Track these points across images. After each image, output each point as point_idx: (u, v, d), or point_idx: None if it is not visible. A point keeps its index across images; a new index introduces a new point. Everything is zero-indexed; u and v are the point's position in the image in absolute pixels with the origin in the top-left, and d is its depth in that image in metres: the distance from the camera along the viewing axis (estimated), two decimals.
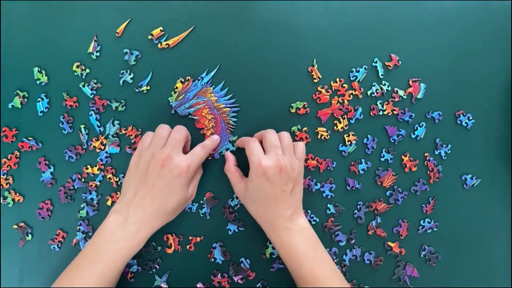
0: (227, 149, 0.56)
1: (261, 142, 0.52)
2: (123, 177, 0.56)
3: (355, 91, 0.57)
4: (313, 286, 0.48)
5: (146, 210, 0.48)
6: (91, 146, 0.56)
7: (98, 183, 0.56)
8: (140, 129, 0.56)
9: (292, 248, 0.49)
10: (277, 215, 0.49)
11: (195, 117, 0.56)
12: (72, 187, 0.56)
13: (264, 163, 0.48)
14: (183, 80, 0.56)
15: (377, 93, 0.57)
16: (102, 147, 0.56)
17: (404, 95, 0.58)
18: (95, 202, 0.56)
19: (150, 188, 0.47)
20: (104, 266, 0.47)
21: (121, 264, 0.48)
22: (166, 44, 0.57)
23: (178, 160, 0.48)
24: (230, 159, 0.54)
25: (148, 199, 0.48)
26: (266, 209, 0.50)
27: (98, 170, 0.56)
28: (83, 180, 0.56)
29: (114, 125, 0.56)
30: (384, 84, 0.57)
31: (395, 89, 0.58)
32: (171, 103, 0.56)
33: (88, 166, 0.56)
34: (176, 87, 0.56)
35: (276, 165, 0.48)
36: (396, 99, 0.57)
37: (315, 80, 0.57)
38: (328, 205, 0.57)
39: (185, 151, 0.51)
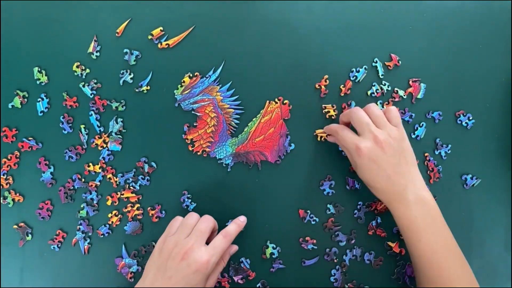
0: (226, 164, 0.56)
1: (348, 125, 0.52)
2: (122, 176, 0.56)
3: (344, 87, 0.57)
4: (430, 262, 0.47)
5: None
6: (93, 144, 0.56)
7: (98, 183, 0.56)
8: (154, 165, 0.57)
9: (411, 221, 0.48)
10: (393, 189, 0.49)
11: (198, 114, 0.56)
12: (72, 187, 0.56)
13: (362, 146, 0.48)
14: (191, 75, 0.56)
15: (377, 93, 0.57)
16: (104, 145, 0.56)
17: (404, 95, 0.58)
18: (95, 202, 0.56)
19: (168, 280, 0.46)
20: None
21: None
22: (166, 44, 0.57)
23: (198, 255, 0.46)
24: (335, 135, 0.53)
25: None
26: (382, 185, 0.49)
27: (99, 168, 0.56)
28: (83, 180, 0.56)
29: (117, 123, 0.56)
30: (384, 84, 0.57)
31: (395, 89, 0.58)
32: (176, 96, 0.56)
33: (90, 164, 0.56)
34: (183, 81, 0.56)
35: (375, 143, 0.48)
36: (396, 99, 0.58)
37: (321, 96, 0.57)
38: (328, 205, 0.57)
39: (210, 238, 0.50)
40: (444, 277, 0.47)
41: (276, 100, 0.57)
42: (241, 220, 0.52)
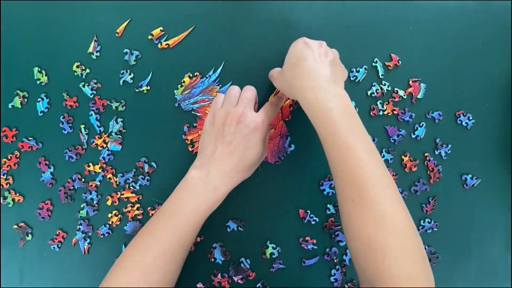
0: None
1: None
2: (122, 176, 0.56)
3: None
4: (344, 155, 0.43)
5: (225, 165, 0.48)
6: (93, 144, 0.56)
7: (98, 183, 0.56)
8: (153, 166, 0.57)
9: (326, 111, 0.45)
10: (313, 75, 0.46)
11: (198, 114, 0.56)
12: (72, 187, 0.56)
13: (305, 39, 0.49)
14: (191, 75, 0.56)
15: (377, 93, 0.57)
16: (104, 145, 0.56)
17: (404, 95, 0.58)
18: (95, 202, 0.56)
19: (228, 144, 0.48)
20: (184, 219, 0.47)
21: (201, 219, 0.48)
22: (166, 44, 0.57)
23: (252, 116, 0.49)
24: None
25: (226, 154, 0.48)
26: (302, 69, 0.47)
27: (99, 168, 0.56)
28: (83, 180, 0.56)
29: (117, 123, 0.56)
30: (384, 84, 0.57)
31: (395, 89, 0.58)
32: (176, 96, 0.56)
33: (90, 164, 0.56)
34: (183, 81, 0.56)
35: (317, 41, 0.49)
36: (396, 99, 0.57)
37: None
38: (328, 205, 0.57)
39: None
40: (359, 176, 0.43)
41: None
42: (279, 95, 0.55)
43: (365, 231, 0.42)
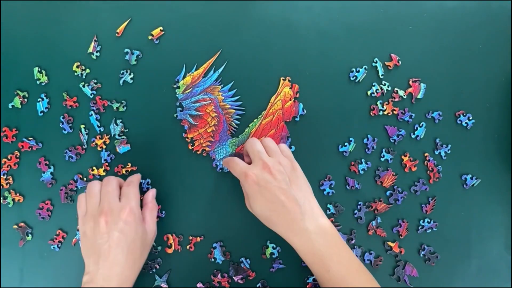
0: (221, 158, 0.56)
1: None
2: (127, 174, 0.56)
3: None
4: (341, 286, 0.46)
5: (116, 271, 0.46)
6: (93, 143, 0.56)
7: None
8: (135, 166, 0.57)
9: (316, 252, 0.47)
10: (291, 219, 0.47)
11: (199, 113, 0.56)
12: (75, 188, 0.56)
13: (250, 172, 0.47)
14: (192, 75, 0.56)
15: (377, 93, 0.57)
16: (104, 147, 0.56)
17: (404, 95, 0.58)
18: None
19: (107, 252, 0.46)
20: None
21: None
22: (184, 83, 0.57)
23: (117, 209, 0.48)
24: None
25: (111, 262, 0.46)
26: (277, 216, 0.48)
27: (104, 171, 0.56)
28: (85, 179, 0.56)
29: (117, 124, 0.56)
30: (384, 84, 0.57)
31: (395, 89, 0.58)
32: (177, 95, 0.56)
33: (94, 168, 0.56)
34: (185, 81, 0.56)
35: (263, 168, 0.47)
36: (396, 99, 0.57)
37: None
38: (328, 205, 0.57)
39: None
40: None
41: (288, 80, 0.57)
42: (135, 176, 0.53)
43: None
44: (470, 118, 0.58)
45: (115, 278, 0.46)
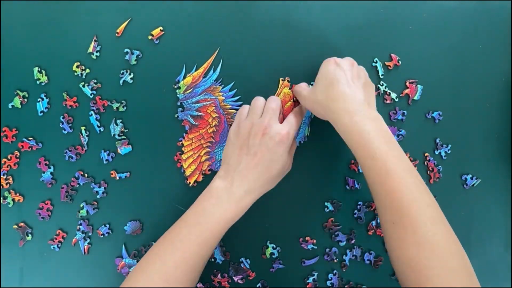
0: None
1: None
2: (126, 177, 0.56)
3: None
4: (384, 178, 0.44)
5: (250, 176, 0.48)
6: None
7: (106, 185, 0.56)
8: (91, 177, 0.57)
9: (364, 135, 0.45)
10: (347, 99, 0.47)
11: (200, 113, 0.56)
12: (77, 185, 0.56)
13: (336, 59, 0.50)
14: (192, 75, 0.56)
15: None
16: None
17: (396, 98, 0.57)
18: (99, 196, 0.56)
19: (253, 156, 0.48)
20: (207, 228, 0.47)
21: (223, 229, 0.48)
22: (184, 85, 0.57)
23: (277, 128, 0.49)
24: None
25: (251, 166, 0.48)
26: (336, 92, 0.48)
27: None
28: (86, 175, 0.56)
29: (117, 124, 0.56)
30: (382, 85, 0.57)
31: (388, 91, 0.57)
32: (178, 95, 0.56)
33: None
34: (185, 81, 0.56)
35: (348, 60, 0.51)
36: (388, 101, 0.57)
37: None
38: (326, 203, 0.57)
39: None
40: (399, 199, 0.43)
41: (287, 80, 0.57)
42: (299, 105, 0.55)
43: (407, 253, 0.42)
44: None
45: (245, 187, 0.48)
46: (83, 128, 0.56)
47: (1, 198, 0.56)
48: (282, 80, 0.57)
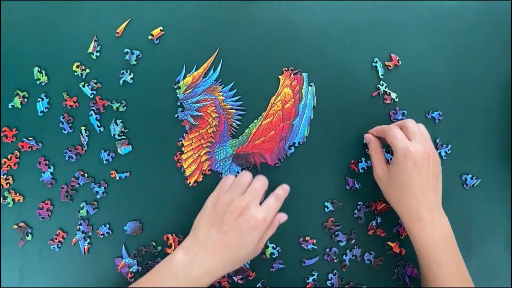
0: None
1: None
2: (123, 177, 0.56)
3: None
4: (449, 285, 0.47)
5: (215, 256, 0.46)
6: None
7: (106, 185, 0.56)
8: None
9: (431, 244, 0.48)
10: (420, 205, 0.48)
11: (200, 113, 0.56)
12: (77, 185, 0.56)
13: (412, 148, 0.47)
14: (192, 74, 0.56)
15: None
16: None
17: (396, 98, 0.57)
18: (99, 196, 0.56)
19: (223, 235, 0.46)
20: None
21: None
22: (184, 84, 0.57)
23: (255, 212, 0.47)
24: (374, 141, 0.54)
25: (219, 245, 0.46)
26: (410, 197, 0.48)
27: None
28: (86, 175, 0.56)
29: (117, 124, 0.56)
30: (382, 85, 0.57)
31: (388, 91, 0.57)
32: (178, 95, 0.56)
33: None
34: (185, 81, 0.56)
35: (425, 152, 0.48)
36: (388, 101, 0.57)
37: None
38: (326, 203, 0.57)
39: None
40: None
41: (290, 69, 0.57)
42: (285, 187, 0.52)
43: None
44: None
45: (207, 267, 0.46)
46: (83, 128, 0.56)
47: (1, 198, 0.56)
48: (285, 70, 0.57)
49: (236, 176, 0.51)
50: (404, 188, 0.49)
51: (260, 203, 0.49)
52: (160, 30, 0.57)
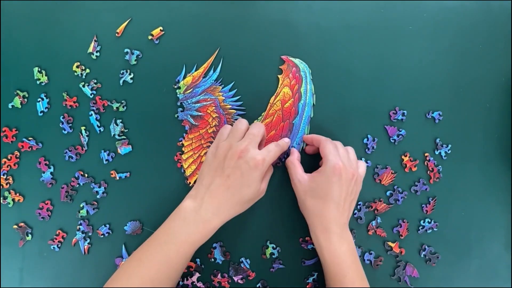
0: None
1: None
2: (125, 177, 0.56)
3: None
4: None
5: (220, 198, 0.48)
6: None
7: (106, 185, 0.56)
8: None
9: (340, 255, 0.50)
10: (333, 218, 0.50)
11: (200, 113, 0.56)
12: (77, 185, 0.56)
13: (341, 164, 0.50)
14: (192, 75, 0.56)
15: None
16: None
17: None
18: (99, 196, 0.56)
19: (226, 178, 0.48)
20: (173, 249, 0.47)
21: (190, 250, 0.49)
22: (184, 84, 0.57)
23: (254, 153, 0.48)
24: (295, 153, 0.55)
25: (223, 188, 0.48)
26: (325, 208, 0.50)
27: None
28: (86, 175, 0.56)
29: (117, 124, 0.56)
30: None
31: None
32: (178, 95, 0.56)
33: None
34: (185, 81, 0.56)
35: (351, 172, 0.50)
36: None
37: None
38: None
39: (259, 148, 0.51)
40: None
41: (287, 58, 0.57)
42: (286, 140, 0.54)
43: None
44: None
45: (214, 209, 0.48)
46: (83, 128, 0.56)
47: (1, 198, 0.56)
48: (281, 57, 0.57)
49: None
50: (322, 197, 0.50)
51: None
52: (160, 30, 0.57)
